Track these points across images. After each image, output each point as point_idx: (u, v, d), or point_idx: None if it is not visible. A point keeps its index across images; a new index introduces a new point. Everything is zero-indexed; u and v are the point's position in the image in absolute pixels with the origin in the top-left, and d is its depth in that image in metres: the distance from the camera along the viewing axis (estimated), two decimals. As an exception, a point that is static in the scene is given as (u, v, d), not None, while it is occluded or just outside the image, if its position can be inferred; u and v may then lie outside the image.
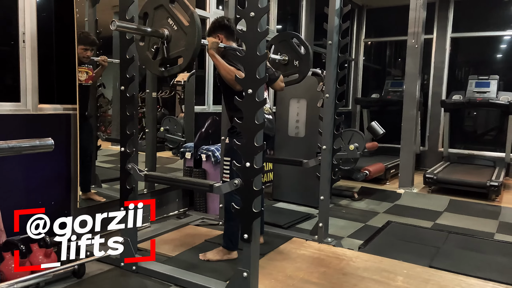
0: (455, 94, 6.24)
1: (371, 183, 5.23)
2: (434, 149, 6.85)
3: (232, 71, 2.41)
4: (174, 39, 2.07)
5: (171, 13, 2.04)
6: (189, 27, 1.99)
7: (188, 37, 1.99)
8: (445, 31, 6.70)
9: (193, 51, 2.00)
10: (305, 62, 3.30)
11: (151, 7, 2.14)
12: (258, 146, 2.03)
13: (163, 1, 2.08)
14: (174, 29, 2.05)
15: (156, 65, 2.13)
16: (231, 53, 2.55)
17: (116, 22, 1.96)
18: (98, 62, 3.15)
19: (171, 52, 2.08)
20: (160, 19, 2.09)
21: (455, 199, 4.70)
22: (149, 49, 2.17)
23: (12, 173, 2.48)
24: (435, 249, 3.02)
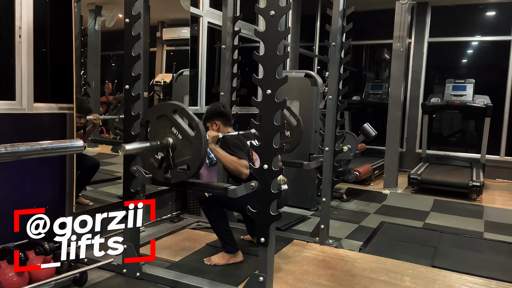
0: (433, 97, 6.43)
1: (356, 184, 5.30)
2: (412, 150, 7.03)
3: (234, 161, 2.42)
4: (179, 147, 2.05)
5: (174, 122, 2.03)
6: (195, 137, 1.98)
7: (195, 147, 1.99)
8: (422, 35, 6.90)
9: (200, 160, 2.00)
10: (297, 133, 3.35)
11: (153, 116, 2.11)
12: (277, 148, 1.99)
13: (166, 111, 2.06)
14: (179, 138, 2.04)
15: (161, 173, 2.10)
16: (231, 141, 2.53)
17: (125, 147, 1.93)
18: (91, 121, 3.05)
19: (176, 160, 2.06)
20: (163, 128, 2.07)
21: (439, 199, 4.84)
22: (153, 156, 2.12)
23: (6, 176, 2.32)
24: (433, 249, 3.08)
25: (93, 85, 3.68)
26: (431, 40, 6.92)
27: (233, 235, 2.67)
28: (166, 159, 2.06)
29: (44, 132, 2.51)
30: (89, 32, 3.46)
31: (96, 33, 3.51)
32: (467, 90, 6.22)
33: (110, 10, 3.62)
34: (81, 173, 3.02)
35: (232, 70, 3.42)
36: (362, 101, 7.04)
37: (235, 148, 2.48)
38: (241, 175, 2.39)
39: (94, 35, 3.52)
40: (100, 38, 3.52)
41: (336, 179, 3.02)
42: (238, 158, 2.43)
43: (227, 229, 2.65)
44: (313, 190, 4.18)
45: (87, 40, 3.46)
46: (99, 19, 3.50)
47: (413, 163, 6.68)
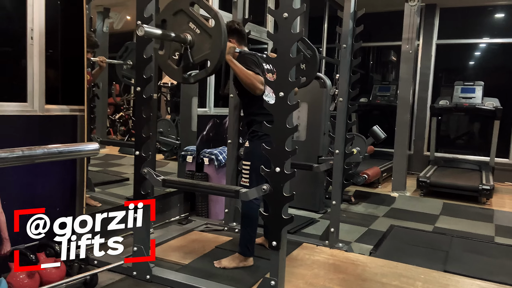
0: (441, 99, 6.39)
1: (364, 186, 5.27)
2: (420, 153, 6.98)
3: (251, 75, 2.37)
4: (197, 43, 1.98)
5: (192, 16, 1.96)
6: (214, 29, 1.92)
7: (214, 39, 1.92)
8: (431, 37, 6.85)
9: (220, 53, 1.92)
10: (312, 65, 3.28)
11: (169, 13, 2.04)
12: (289, 151, 1.98)
13: (182, 5, 1.99)
14: (197, 33, 1.96)
15: (180, 73, 2.04)
16: (247, 57, 2.50)
17: (144, 28, 1.85)
18: (96, 63, 3.03)
19: (195, 57, 1.99)
20: (180, 25, 2.00)
21: (448, 202, 4.79)
22: (170, 57, 2.07)
23: (15, 179, 2.32)
24: (444, 253, 3.05)
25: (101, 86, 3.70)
26: (440, 42, 6.87)
27: (255, 241, 2.65)
28: (185, 57, 1.97)
29: (55, 134, 2.51)
30: (97, 34, 3.47)
31: (104, 35, 3.53)
32: (476, 93, 6.17)
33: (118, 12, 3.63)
34: None
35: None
36: (369, 103, 7.01)
37: (251, 64, 2.41)
38: (255, 90, 2.33)
39: (102, 37, 3.53)
40: (108, 40, 3.53)
41: (346, 181, 3.00)
42: (254, 73, 2.37)
43: (255, 232, 2.62)
44: (321, 192, 4.16)
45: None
46: (107, 21, 3.51)
47: (421, 166, 6.63)
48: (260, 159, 2.49)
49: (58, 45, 2.53)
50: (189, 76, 2.05)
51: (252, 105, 2.55)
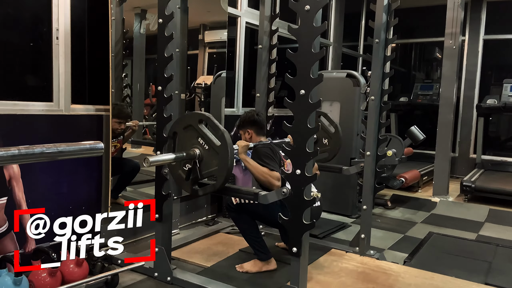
0: (489, 98, 5.97)
1: (402, 190, 5.02)
2: (465, 155, 6.58)
3: (266, 173, 2.34)
4: (206, 158, 2.00)
5: (200, 133, 1.99)
6: (221, 147, 1.93)
7: (220, 157, 1.94)
8: (477, 33, 6.44)
9: (226, 171, 1.93)
10: (335, 141, 3.18)
11: (180, 127, 2.08)
12: (311, 152, 1.86)
13: (192, 122, 2.02)
14: (205, 148, 1.99)
15: (189, 185, 2.06)
16: (262, 151, 2.46)
17: (150, 160, 1.90)
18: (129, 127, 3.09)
19: (203, 172, 2.01)
20: (190, 138, 2.04)
21: (495, 208, 4.45)
22: (181, 167, 2.09)
23: (41, 178, 2.36)
24: (487, 264, 2.81)
25: (137, 87, 3.74)
26: (487, 38, 6.44)
27: (264, 242, 2.57)
28: (193, 171, 2.02)
29: (80, 134, 2.53)
30: (134, 35, 3.50)
31: (141, 37, 3.55)
32: (528, 91, 5.72)
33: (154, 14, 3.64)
34: (121, 176, 3.05)
35: (269, 71, 3.32)
36: (410, 102, 6.68)
37: (266, 159, 2.39)
38: (272, 187, 2.29)
39: (139, 39, 3.56)
40: (145, 42, 3.56)
41: (378, 185, 2.83)
42: (269, 169, 2.34)
43: (258, 236, 2.56)
44: (354, 196, 3.97)
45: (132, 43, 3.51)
46: (144, 23, 3.53)
47: (466, 169, 6.24)
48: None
49: (84, 45, 2.55)
50: (198, 188, 2.07)
51: None
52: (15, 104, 2.20)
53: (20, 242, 2.25)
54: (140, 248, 2.87)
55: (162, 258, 2.38)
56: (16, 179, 2.19)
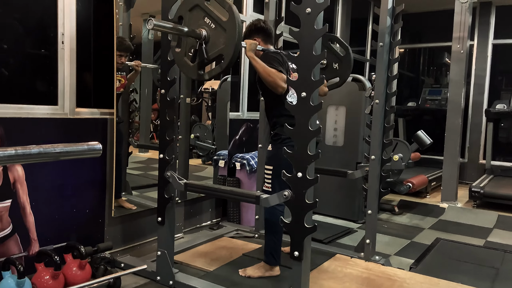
0: (498, 103, 5.91)
1: (410, 196, 4.97)
2: (475, 161, 6.49)
3: (273, 73, 2.27)
4: (212, 38, 1.91)
5: (207, 11, 1.90)
6: (228, 22, 1.84)
7: (228, 32, 1.84)
8: (486, 37, 6.38)
9: (234, 47, 1.83)
10: (346, 65, 3.10)
11: (185, 9, 2.00)
12: (312, 155, 1.85)
13: (198, 0, 1.94)
14: (212, 28, 1.89)
15: (195, 69, 1.97)
16: (271, 55, 2.40)
17: (153, 21, 1.82)
18: (131, 67, 3.05)
19: (210, 53, 1.92)
20: (196, 20, 1.95)
21: (504, 215, 4.38)
22: (186, 54, 2.02)
23: (47, 180, 2.37)
24: (494, 270, 2.75)
25: (145, 92, 3.76)
26: (496, 42, 6.37)
27: (281, 249, 2.54)
28: (199, 53, 1.91)
29: (85, 137, 2.54)
30: (142, 41, 3.53)
31: (149, 42, 3.58)
32: (538, 96, 5.65)
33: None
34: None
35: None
36: (418, 107, 6.64)
37: (274, 62, 2.31)
38: (277, 87, 2.23)
39: (147, 44, 3.59)
40: (153, 47, 3.59)
41: (383, 190, 2.80)
42: (277, 71, 2.26)
43: (280, 240, 2.51)
44: (360, 200, 3.94)
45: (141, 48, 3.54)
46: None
47: (476, 175, 6.16)
48: (283, 164, 2.38)
49: (89, 50, 2.57)
50: (204, 72, 1.98)
51: (275, 107, 2.45)
52: (20, 107, 2.22)
53: (24, 245, 2.26)
54: (144, 252, 2.87)
55: (164, 262, 2.38)
56: (20, 182, 2.21)
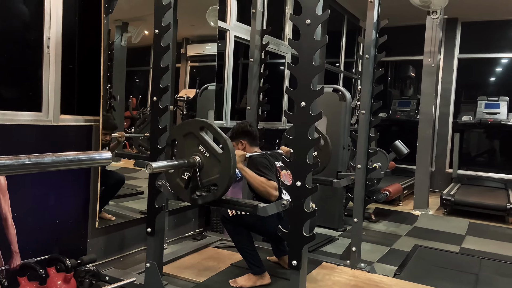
0: (464, 115, 6.20)
1: (385, 204, 5.10)
2: (442, 170, 6.77)
3: (264, 183, 2.31)
4: (206, 166, 1.95)
5: (201, 140, 1.95)
6: (223, 155, 1.89)
7: (223, 165, 1.89)
8: (452, 51, 6.71)
9: (228, 179, 1.90)
10: (325, 153, 3.20)
11: (179, 134, 2.03)
12: (311, 164, 1.86)
13: (192, 129, 1.98)
14: (206, 156, 1.94)
15: (188, 193, 2.01)
16: (259, 160, 2.43)
17: (152, 165, 1.84)
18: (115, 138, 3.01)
19: (204, 180, 1.96)
20: (190, 146, 1.98)
21: (474, 222, 4.58)
22: (179, 176, 2.04)
23: (27, 191, 2.26)
24: (474, 276, 2.86)
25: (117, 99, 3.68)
26: (461, 57, 6.72)
27: (258, 255, 2.53)
28: (193, 179, 1.96)
29: (69, 145, 2.46)
30: (115, 47, 3.45)
31: (122, 49, 3.51)
32: (500, 108, 5.98)
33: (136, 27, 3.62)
34: (105, 189, 2.96)
35: (259, 84, 3.33)
36: (389, 118, 6.86)
37: (263, 169, 2.36)
38: (270, 197, 2.27)
39: (120, 51, 3.51)
40: (125, 54, 3.52)
41: (368, 198, 2.86)
42: (267, 179, 2.31)
43: (253, 248, 2.52)
44: (340, 209, 4.01)
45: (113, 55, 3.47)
46: (126, 35, 3.50)
47: (443, 183, 6.42)
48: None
49: (75, 55, 2.49)
50: (197, 197, 2.02)
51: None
52: (3, 113, 2.12)
53: (5, 258, 2.13)
54: (127, 264, 2.78)
55: (154, 274, 2.31)
56: (2, 192, 2.09)
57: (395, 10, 5.69)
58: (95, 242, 2.65)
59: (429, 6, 4.67)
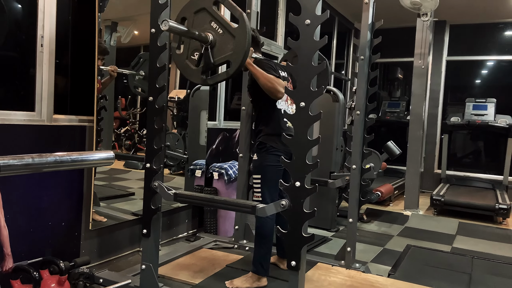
0: (452, 116, 6.28)
1: (376, 204, 5.14)
2: (430, 170, 6.85)
3: (273, 79, 2.30)
4: (219, 43, 1.90)
5: (215, 16, 1.88)
6: (238, 29, 1.83)
7: (237, 39, 1.83)
8: (441, 54, 6.80)
9: (243, 54, 1.84)
10: (323, 76, 3.19)
11: (190, 11, 1.96)
12: (311, 164, 1.86)
13: (205, 4, 1.91)
14: (219, 33, 1.88)
15: (198, 73, 1.94)
16: (265, 63, 2.43)
17: (169, 22, 1.78)
18: (107, 72, 2.94)
19: (216, 58, 1.90)
20: (201, 24, 1.92)
21: (464, 221, 4.64)
22: (188, 57, 1.98)
23: (19, 192, 2.21)
24: (467, 276, 2.90)
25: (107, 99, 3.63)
26: (450, 59, 6.81)
27: (270, 259, 2.52)
28: (205, 57, 1.87)
29: (63, 145, 2.41)
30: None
31: (111, 49, 3.47)
32: (488, 110, 6.08)
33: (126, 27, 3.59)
34: None
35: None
36: (379, 119, 6.91)
37: (270, 69, 2.34)
38: (277, 93, 2.26)
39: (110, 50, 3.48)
40: (115, 54, 3.48)
41: (363, 198, 2.87)
42: (275, 77, 2.30)
43: (270, 250, 2.48)
44: (333, 210, 4.02)
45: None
46: (115, 35, 3.46)
47: (431, 184, 6.50)
48: (269, 172, 2.40)
49: (69, 53, 2.45)
50: (207, 77, 1.95)
51: (265, 114, 2.48)
52: (-4, 113, 2.07)
53: (-3, 261, 2.08)
54: (121, 266, 2.75)
55: (149, 276, 2.28)
56: (-6, 193, 2.04)
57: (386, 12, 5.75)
58: (89, 244, 2.61)
59: (419, 9, 4.72)
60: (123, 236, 2.90)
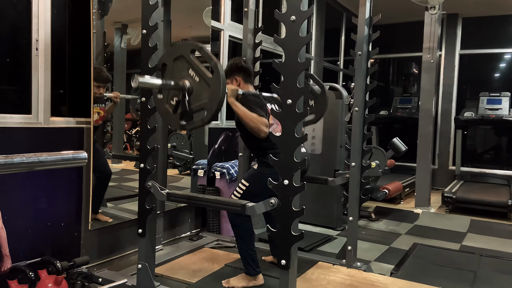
0: (466, 111, 6.13)
1: (385, 202, 5.05)
2: (445, 167, 6.70)
3: (255, 118, 2.28)
4: (196, 90, 1.91)
5: (192, 64, 1.90)
6: (213, 79, 1.84)
7: (212, 89, 1.85)
8: (453, 47, 6.64)
9: (217, 104, 1.84)
10: (322, 102, 3.15)
11: (170, 58, 1.99)
12: (298, 162, 1.84)
13: (183, 51, 1.94)
14: (196, 81, 1.90)
15: (176, 119, 1.96)
16: (251, 99, 2.39)
17: (139, 79, 1.80)
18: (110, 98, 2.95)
19: (193, 105, 1.92)
20: (180, 70, 1.94)
21: (476, 219, 4.52)
22: (168, 101, 2.00)
23: (17, 192, 2.26)
24: (472, 274, 2.82)
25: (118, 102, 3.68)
26: (463, 53, 6.65)
27: (257, 256, 2.50)
28: (182, 104, 1.90)
29: (60, 147, 2.45)
30: (115, 50, 3.45)
31: (122, 51, 3.51)
32: (502, 104, 5.91)
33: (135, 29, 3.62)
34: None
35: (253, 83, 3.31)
36: (390, 115, 6.80)
37: (255, 106, 2.31)
38: (260, 133, 2.24)
39: (120, 53, 3.51)
40: (125, 56, 3.52)
41: (363, 197, 2.83)
42: (258, 115, 2.27)
43: (253, 248, 2.46)
44: (338, 208, 3.97)
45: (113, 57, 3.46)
46: (125, 37, 3.50)
47: (446, 181, 6.35)
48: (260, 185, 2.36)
49: (65, 57, 2.49)
50: (185, 123, 1.97)
51: (256, 145, 2.47)
52: (-8, 116, 2.12)
53: (-5, 261, 2.13)
54: (122, 266, 2.77)
55: (145, 275, 2.30)
56: (-9, 194, 2.09)
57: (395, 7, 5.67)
58: (89, 244, 2.65)
59: (426, 2, 4.63)
60: (124, 235, 2.93)
